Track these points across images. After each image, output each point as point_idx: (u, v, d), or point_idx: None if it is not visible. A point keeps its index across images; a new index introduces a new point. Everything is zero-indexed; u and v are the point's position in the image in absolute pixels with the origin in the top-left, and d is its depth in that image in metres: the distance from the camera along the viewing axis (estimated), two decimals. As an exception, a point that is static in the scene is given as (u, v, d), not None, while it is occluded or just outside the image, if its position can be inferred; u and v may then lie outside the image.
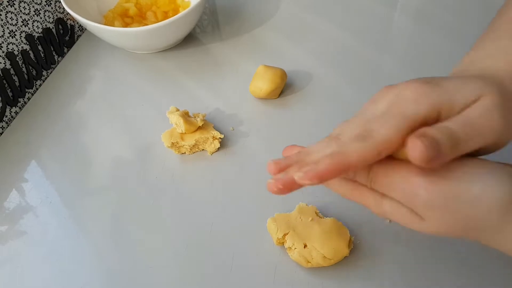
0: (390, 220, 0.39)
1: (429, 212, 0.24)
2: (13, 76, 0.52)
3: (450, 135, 0.23)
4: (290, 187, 0.25)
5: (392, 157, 0.25)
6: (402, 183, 0.24)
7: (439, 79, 0.25)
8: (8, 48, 0.51)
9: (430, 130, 0.23)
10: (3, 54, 0.51)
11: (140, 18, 0.59)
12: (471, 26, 0.58)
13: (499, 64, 0.28)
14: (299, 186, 0.25)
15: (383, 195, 0.26)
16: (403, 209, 0.25)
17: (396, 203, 0.26)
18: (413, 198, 0.24)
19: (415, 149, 0.22)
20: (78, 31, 0.63)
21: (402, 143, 0.24)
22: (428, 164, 0.22)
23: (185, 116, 0.46)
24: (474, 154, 0.25)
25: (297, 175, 0.24)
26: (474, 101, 0.24)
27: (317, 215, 0.38)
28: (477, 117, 0.24)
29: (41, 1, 0.56)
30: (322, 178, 0.23)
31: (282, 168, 0.26)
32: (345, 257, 0.36)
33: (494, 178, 0.23)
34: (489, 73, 0.27)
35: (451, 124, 0.23)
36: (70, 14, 0.54)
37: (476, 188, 0.23)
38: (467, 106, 0.24)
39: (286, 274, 0.36)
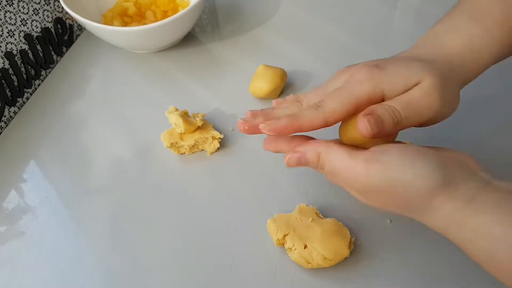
0: (390, 220, 0.39)
1: (368, 194, 0.29)
2: (11, 76, 0.52)
3: (393, 113, 0.28)
4: (254, 131, 0.32)
5: (338, 146, 0.29)
6: (345, 171, 0.28)
7: (387, 63, 0.30)
8: (6, 48, 0.51)
9: (377, 109, 0.28)
10: (1, 54, 0.50)
11: (139, 17, 0.59)
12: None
13: (452, 42, 0.32)
14: (261, 132, 0.31)
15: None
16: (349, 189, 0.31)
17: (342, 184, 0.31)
18: (355, 184, 0.28)
19: (362, 125, 0.27)
20: (77, 30, 0.63)
21: (345, 116, 0.29)
22: (373, 137, 0.28)
23: (185, 116, 0.46)
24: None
25: (261, 126, 0.31)
26: (416, 84, 0.29)
27: (318, 215, 0.38)
28: (417, 98, 0.28)
29: (40, 1, 0.56)
30: (278, 132, 0.30)
31: (251, 129, 0.33)
32: (346, 258, 0.36)
33: (424, 166, 0.26)
34: (440, 52, 0.31)
35: (395, 103, 0.29)
36: (69, 14, 0.53)
37: (408, 175, 0.26)
38: (409, 87, 0.29)
39: (286, 275, 0.36)
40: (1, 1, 0.49)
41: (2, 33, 0.50)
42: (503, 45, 0.32)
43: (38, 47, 0.56)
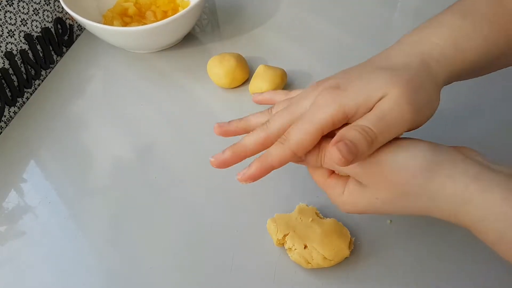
0: (390, 221, 0.39)
1: (367, 180, 0.29)
2: (11, 76, 0.52)
3: (365, 133, 0.27)
4: (224, 165, 0.33)
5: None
6: None
7: (349, 81, 0.29)
8: (6, 48, 0.51)
9: (347, 132, 0.27)
10: (1, 54, 0.50)
11: (139, 17, 0.59)
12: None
13: (433, 37, 0.30)
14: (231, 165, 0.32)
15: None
16: (352, 180, 0.30)
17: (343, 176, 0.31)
18: (353, 173, 0.29)
19: (334, 155, 0.26)
20: (77, 30, 0.63)
21: (313, 144, 0.29)
22: (349, 164, 0.26)
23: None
24: None
25: (237, 177, 0.31)
26: (382, 97, 0.27)
27: (317, 215, 0.38)
28: (387, 111, 0.27)
29: (40, 1, 0.56)
30: (254, 178, 0.31)
31: (223, 132, 0.35)
32: (346, 258, 0.36)
33: (415, 148, 0.27)
34: (417, 51, 0.30)
35: (365, 122, 0.27)
36: (69, 14, 0.53)
37: (400, 158, 0.27)
38: (374, 103, 0.28)
39: (286, 275, 0.36)
40: (1, 1, 0.49)
41: (2, 33, 0.50)
42: (490, 42, 0.30)
43: (38, 47, 0.56)
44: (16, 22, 0.52)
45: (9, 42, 0.51)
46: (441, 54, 0.29)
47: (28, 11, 0.54)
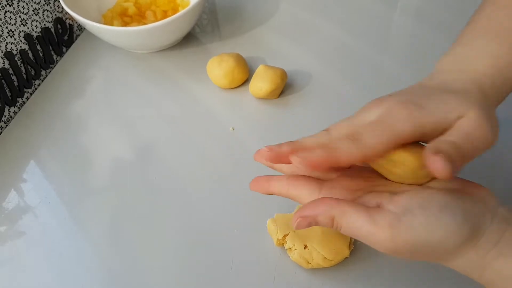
0: (390, 221, 0.39)
1: (394, 254, 0.27)
2: (11, 76, 0.52)
3: (457, 148, 0.25)
4: (280, 159, 0.28)
5: (352, 207, 0.27)
6: (367, 237, 0.27)
7: (421, 98, 0.28)
8: (6, 48, 0.51)
9: (442, 145, 0.25)
10: (1, 54, 0.50)
11: (139, 17, 0.59)
12: (470, 26, 0.57)
13: (479, 66, 0.30)
14: (288, 162, 0.27)
15: None
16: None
17: None
18: (379, 248, 0.27)
19: (437, 165, 0.24)
20: (77, 30, 0.63)
21: (384, 153, 0.27)
22: (450, 177, 0.24)
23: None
24: None
25: (293, 157, 0.26)
26: (457, 118, 0.26)
27: (317, 215, 0.38)
28: (472, 132, 0.26)
29: (40, 1, 0.56)
30: (313, 165, 0.26)
31: (274, 157, 0.29)
32: (346, 258, 0.36)
33: (451, 224, 0.25)
34: (469, 79, 0.29)
35: (454, 138, 0.26)
36: (69, 14, 0.53)
37: (436, 236, 0.25)
38: (450, 125, 0.26)
39: (286, 275, 0.36)
40: (1, 1, 0.49)
41: (2, 33, 0.50)
42: None
43: (38, 47, 0.56)
44: (16, 22, 0.52)
45: (9, 42, 0.51)
46: (492, 83, 0.30)
47: (28, 11, 0.54)
